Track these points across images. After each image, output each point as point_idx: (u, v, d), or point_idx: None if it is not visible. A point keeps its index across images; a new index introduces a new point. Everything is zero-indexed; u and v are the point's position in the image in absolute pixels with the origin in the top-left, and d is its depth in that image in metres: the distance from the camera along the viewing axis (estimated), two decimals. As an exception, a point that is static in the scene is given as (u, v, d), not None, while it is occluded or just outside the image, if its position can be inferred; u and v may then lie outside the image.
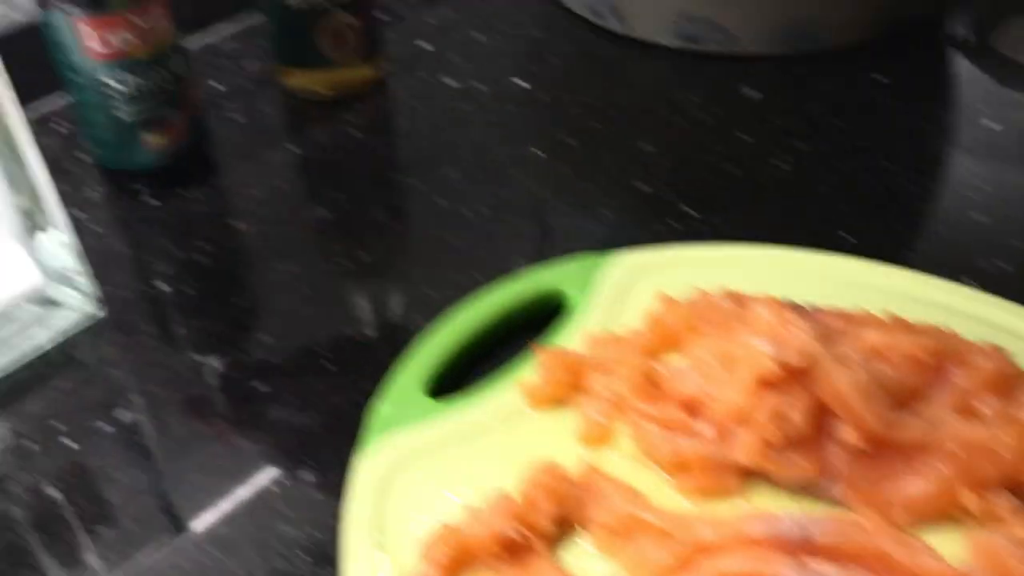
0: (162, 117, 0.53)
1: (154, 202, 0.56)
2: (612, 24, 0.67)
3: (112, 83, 0.49)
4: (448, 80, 0.65)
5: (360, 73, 0.63)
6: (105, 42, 0.48)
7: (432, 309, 0.47)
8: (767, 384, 0.37)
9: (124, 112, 0.50)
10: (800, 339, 0.37)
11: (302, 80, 0.62)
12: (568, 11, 0.71)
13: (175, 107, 0.53)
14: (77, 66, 0.49)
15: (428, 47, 0.68)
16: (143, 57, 0.50)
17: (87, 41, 0.48)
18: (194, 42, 0.70)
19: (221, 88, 0.66)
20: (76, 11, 0.48)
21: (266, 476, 0.41)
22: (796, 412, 0.36)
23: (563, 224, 0.52)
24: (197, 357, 0.46)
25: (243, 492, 0.40)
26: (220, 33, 0.71)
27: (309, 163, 0.59)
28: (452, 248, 0.51)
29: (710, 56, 0.64)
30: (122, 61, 0.49)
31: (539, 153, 0.57)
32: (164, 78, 0.52)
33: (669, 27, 0.64)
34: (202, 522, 0.39)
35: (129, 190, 0.57)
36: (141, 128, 0.52)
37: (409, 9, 0.73)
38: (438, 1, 0.74)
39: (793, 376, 0.37)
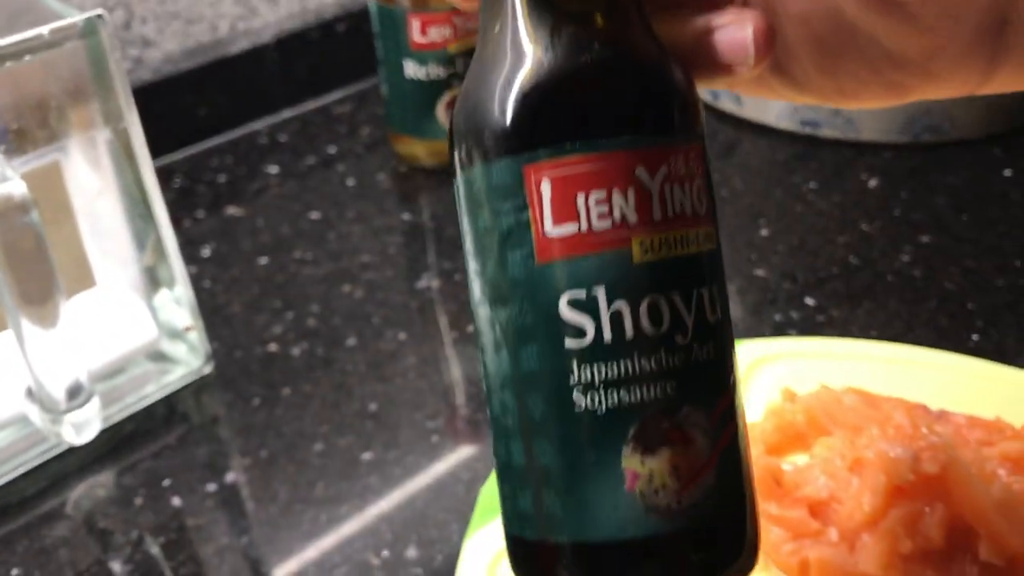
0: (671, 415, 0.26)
1: (263, 261, 0.56)
2: (728, 106, 0.67)
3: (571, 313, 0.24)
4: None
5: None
6: (570, 213, 0.25)
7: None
8: (900, 492, 0.35)
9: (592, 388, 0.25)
10: (937, 447, 0.35)
11: (415, 148, 0.63)
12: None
13: (702, 398, 0.27)
14: (510, 279, 0.24)
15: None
16: (647, 257, 0.24)
17: (540, 217, 0.25)
18: (308, 106, 0.71)
19: (333, 151, 0.66)
20: (525, 151, 0.25)
21: (367, 548, 0.40)
22: (931, 524, 0.34)
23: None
24: (303, 422, 0.46)
25: (342, 563, 0.39)
26: (333, 97, 0.73)
27: (420, 231, 0.59)
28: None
29: (827, 140, 0.63)
30: (603, 259, 0.24)
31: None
32: (680, 319, 0.26)
33: (789, 111, 0.63)
34: (302, 593, 0.39)
35: (244, 249, 0.58)
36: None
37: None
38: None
39: (928, 485, 0.35)
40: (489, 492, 0.40)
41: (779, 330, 0.49)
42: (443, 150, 0.63)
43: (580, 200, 0.22)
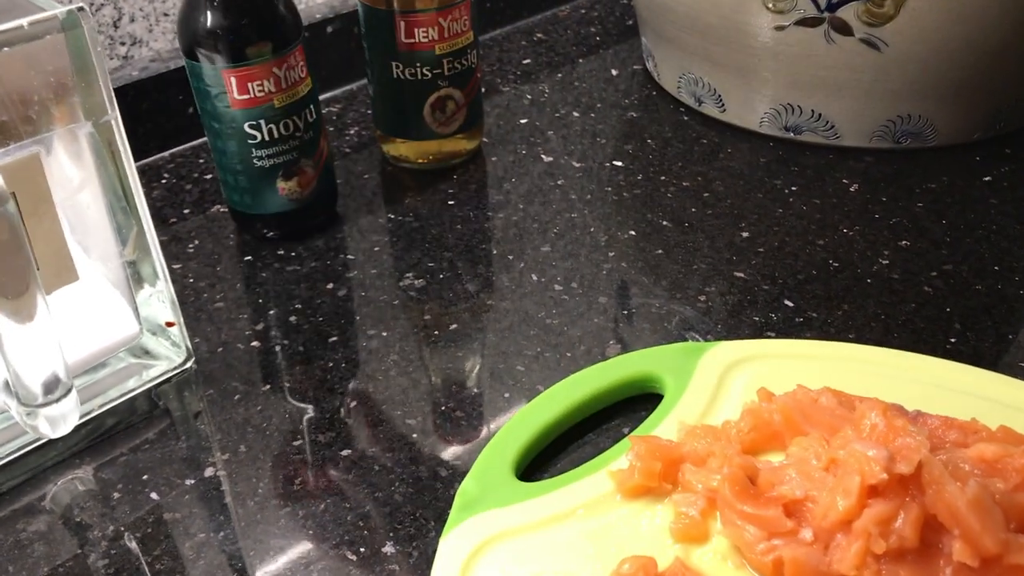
0: (296, 164, 0.56)
1: (248, 258, 0.56)
2: (711, 110, 0.67)
3: (250, 129, 0.54)
4: (544, 156, 0.65)
5: (459, 145, 0.63)
6: (246, 90, 0.52)
7: (520, 384, 0.47)
8: (874, 492, 0.35)
9: (261, 158, 0.55)
10: (911, 447, 0.35)
11: (402, 149, 0.63)
12: (667, 94, 0.71)
13: (309, 156, 0.56)
14: (220, 114, 0.53)
15: (525, 122, 0.69)
16: (280, 105, 0.53)
17: (231, 90, 0.52)
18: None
19: (320, 150, 0.66)
20: (222, 62, 0.51)
21: (344, 544, 0.40)
22: (905, 524, 0.34)
23: (656, 308, 0.51)
24: (283, 418, 0.46)
25: (319, 559, 0.39)
26: (321, 97, 0.73)
27: (404, 230, 0.59)
28: (542, 324, 0.51)
29: (809, 145, 0.64)
30: (261, 108, 0.53)
31: (632, 234, 0.57)
32: (298, 126, 0.55)
33: (770, 117, 0.64)
34: (279, 588, 0.39)
35: (229, 247, 0.58)
36: (278, 175, 0.56)
37: (508, 84, 0.73)
38: (537, 78, 0.74)
39: (903, 485, 0.35)
40: (465, 491, 0.40)
41: (758, 331, 0.49)
42: (429, 150, 0.63)
43: (249, 85, 0.52)
